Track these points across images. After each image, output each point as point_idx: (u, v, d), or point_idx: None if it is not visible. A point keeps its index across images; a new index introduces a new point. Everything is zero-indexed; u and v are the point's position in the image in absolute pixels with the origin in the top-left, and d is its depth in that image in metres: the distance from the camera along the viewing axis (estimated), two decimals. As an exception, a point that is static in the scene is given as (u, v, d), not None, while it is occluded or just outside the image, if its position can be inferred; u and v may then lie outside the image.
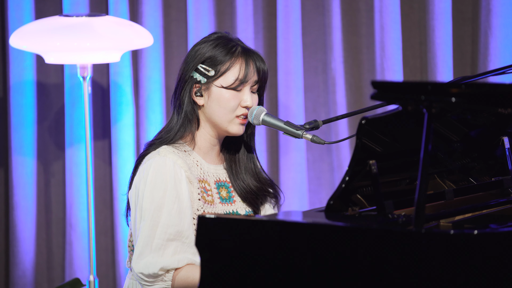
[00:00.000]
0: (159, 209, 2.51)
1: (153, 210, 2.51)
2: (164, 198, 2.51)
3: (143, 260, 2.50)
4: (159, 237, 2.50)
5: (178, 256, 2.50)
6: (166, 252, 2.50)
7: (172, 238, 2.51)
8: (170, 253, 2.50)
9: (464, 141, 2.54)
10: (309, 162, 4.16)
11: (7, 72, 4.17)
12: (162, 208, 2.51)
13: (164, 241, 2.50)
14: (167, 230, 2.50)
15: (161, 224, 2.50)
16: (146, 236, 2.50)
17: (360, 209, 2.24)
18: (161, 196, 2.52)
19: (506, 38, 3.97)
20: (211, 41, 2.64)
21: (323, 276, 1.99)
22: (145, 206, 2.52)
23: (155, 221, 2.51)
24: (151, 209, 2.51)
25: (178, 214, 2.52)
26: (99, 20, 3.72)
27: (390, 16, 4.01)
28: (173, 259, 2.50)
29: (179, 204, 2.52)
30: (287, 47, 4.06)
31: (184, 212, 2.53)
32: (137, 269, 2.51)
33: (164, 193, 2.52)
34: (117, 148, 4.13)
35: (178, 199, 2.52)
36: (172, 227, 2.51)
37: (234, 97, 2.61)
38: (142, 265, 2.50)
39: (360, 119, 2.19)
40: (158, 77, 4.12)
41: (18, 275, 4.19)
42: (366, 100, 4.12)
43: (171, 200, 2.52)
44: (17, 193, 4.16)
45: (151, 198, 2.52)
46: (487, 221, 2.42)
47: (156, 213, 2.51)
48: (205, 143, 2.66)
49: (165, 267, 2.49)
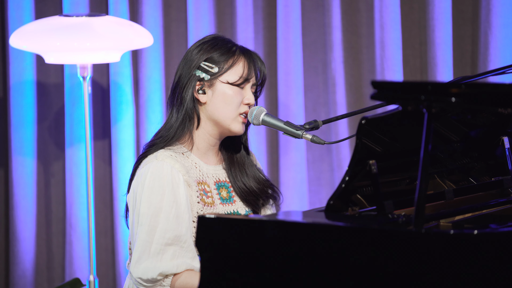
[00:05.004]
0: (156, 214, 2.51)
1: (151, 215, 2.51)
2: (162, 203, 2.51)
3: (142, 265, 2.50)
4: (157, 242, 2.50)
5: (176, 261, 2.50)
6: (164, 257, 2.50)
7: (170, 243, 2.50)
8: (169, 258, 2.50)
9: (464, 141, 2.54)
10: (309, 162, 4.16)
11: (7, 72, 4.17)
12: (160, 213, 2.51)
13: (163, 246, 2.50)
14: (165, 235, 2.50)
15: (159, 229, 2.50)
16: (144, 241, 2.50)
17: (360, 209, 2.24)
18: (158, 200, 2.51)
19: (506, 38, 3.97)
20: (209, 42, 2.65)
21: (323, 276, 1.99)
22: (143, 211, 2.52)
23: (152, 226, 2.50)
24: (148, 214, 2.51)
25: (176, 219, 2.51)
26: (99, 20, 3.72)
27: (390, 16, 4.01)
28: (172, 264, 2.50)
29: (176, 208, 2.52)
30: (287, 47, 4.06)
31: (182, 217, 2.52)
32: (135, 273, 2.50)
33: (162, 197, 2.51)
34: (117, 148, 4.13)
35: (176, 204, 2.52)
36: (170, 232, 2.50)
37: (238, 94, 2.62)
38: (141, 270, 2.50)
39: (360, 119, 2.19)
40: (158, 77, 4.12)
41: (18, 275, 4.19)
42: (366, 100, 4.12)
43: (168, 205, 2.51)
44: (17, 193, 4.16)
45: (148, 203, 2.52)
46: (487, 221, 2.42)
47: (154, 218, 2.51)
48: (203, 143, 2.66)
49: (164, 272, 2.49)
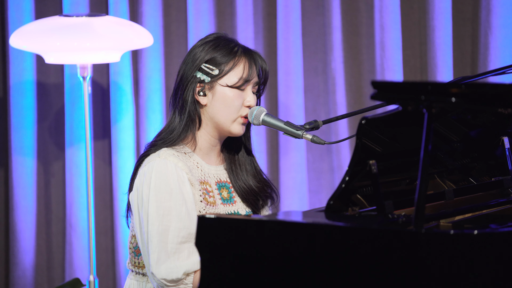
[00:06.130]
0: (168, 213, 2.50)
1: (162, 215, 2.51)
2: (171, 201, 2.51)
3: (163, 265, 2.49)
4: (173, 241, 2.50)
5: (193, 258, 2.50)
6: (181, 256, 2.50)
7: (185, 241, 2.51)
8: (185, 256, 2.50)
9: (464, 141, 2.54)
10: (309, 163, 4.16)
11: (7, 72, 4.17)
12: (171, 212, 2.51)
13: (178, 245, 2.50)
14: (179, 233, 2.50)
15: (173, 228, 2.50)
16: (158, 241, 2.50)
17: (360, 209, 2.24)
18: (167, 199, 2.51)
19: (506, 38, 3.97)
20: (211, 42, 2.64)
21: (323, 276, 1.99)
22: (152, 210, 2.51)
23: (165, 226, 2.50)
24: (159, 213, 2.51)
25: (187, 216, 2.52)
26: (99, 20, 3.71)
27: (390, 16, 4.01)
28: (191, 261, 2.50)
29: (186, 205, 2.52)
30: (287, 47, 4.06)
31: (191, 213, 2.53)
32: (159, 275, 2.50)
33: (170, 196, 2.51)
34: (117, 148, 4.13)
35: (185, 201, 2.52)
36: (184, 230, 2.51)
37: (238, 97, 2.62)
38: (163, 271, 2.49)
39: (360, 119, 2.19)
40: (158, 77, 4.12)
41: (18, 275, 4.19)
42: (366, 100, 4.11)
43: (178, 203, 2.51)
44: (17, 193, 4.16)
45: (157, 202, 2.51)
46: (487, 221, 2.42)
47: (165, 217, 2.50)
48: (205, 144, 2.66)
49: (187, 271, 2.49)
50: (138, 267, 2.66)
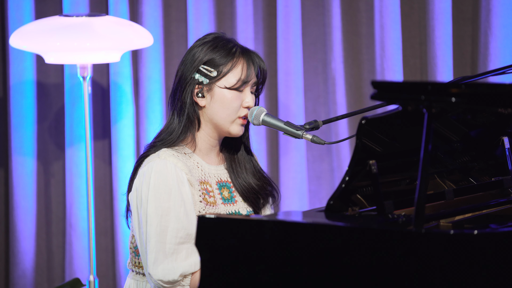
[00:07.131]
0: (167, 214, 2.50)
1: (161, 215, 2.50)
2: (169, 202, 2.51)
3: (160, 266, 2.49)
4: (171, 241, 2.50)
5: (191, 259, 2.50)
6: (179, 256, 2.50)
7: (183, 242, 2.51)
8: (183, 257, 2.50)
9: (464, 141, 2.54)
10: (309, 162, 4.16)
11: (7, 72, 4.17)
12: (170, 213, 2.51)
13: (176, 245, 2.50)
14: (177, 234, 2.50)
15: (171, 229, 2.50)
16: (156, 241, 2.50)
17: (360, 209, 2.24)
18: (166, 200, 2.51)
19: (506, 38, 3.97)
20: (210, 42, 2.64)
21: (323, 276, 1.99)
22: (151, 211, 2.51)
23: (164, 226, 2.50)
24: (158, 214, 2.51)
25: (186, 217, 2.52)
26: (99, 20, 3.71)
27: (390, 16, 4.01)
28: (188, 263, 2.50)
29: (185, 206, 2.52)
30: (287, 47, 4.06)
31: (190, 214, 2.53)
32: (155, 276, 2.50)
33: (169, 197, 2.51)
34: (117, 148, 4.13)
35: (183, 202, 2.52)
36: (182, 230, 2.51)
37: (237, 98, 2.62)
38: (160, 272, 2.49)
39: (360, 119, 2.19)
40: (158, 77, 4.12)
41: (18, 275, 4.19)
42: (366, 100, 4.11)
43: (177, 204, 2.51)
44: (17, 193, 4.16)
45: (156, 203, 2.51)
46: (487, 221, 2.42)
47: (164, 217, 2.50)
48: (205, 144, 2.66)
49: (184, 272, 2.49)
50: (139, 267, 2.66)
